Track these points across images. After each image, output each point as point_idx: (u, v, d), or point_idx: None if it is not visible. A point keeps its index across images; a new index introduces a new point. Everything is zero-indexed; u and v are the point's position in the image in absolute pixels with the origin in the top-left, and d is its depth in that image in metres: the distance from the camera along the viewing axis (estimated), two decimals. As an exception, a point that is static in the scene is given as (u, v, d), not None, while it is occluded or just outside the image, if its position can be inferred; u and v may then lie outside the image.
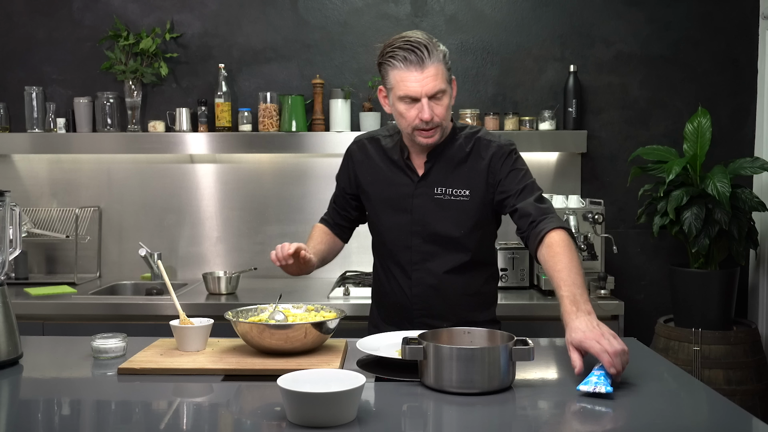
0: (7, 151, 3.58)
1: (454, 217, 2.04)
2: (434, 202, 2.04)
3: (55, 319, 3.03)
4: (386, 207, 2.10)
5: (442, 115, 1.96)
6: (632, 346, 2.02)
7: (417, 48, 1.89)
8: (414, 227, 2.06)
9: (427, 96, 1.92)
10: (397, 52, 1.91)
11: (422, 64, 1.90)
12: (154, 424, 1.48)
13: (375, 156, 2.13)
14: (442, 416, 1.49)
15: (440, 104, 1.95)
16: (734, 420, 1.45)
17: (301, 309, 1.95)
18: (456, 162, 2.05)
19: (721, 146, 3.47)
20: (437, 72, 1.91)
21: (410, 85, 1.91)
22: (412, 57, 1.89)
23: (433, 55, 1.90)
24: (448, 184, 2.04)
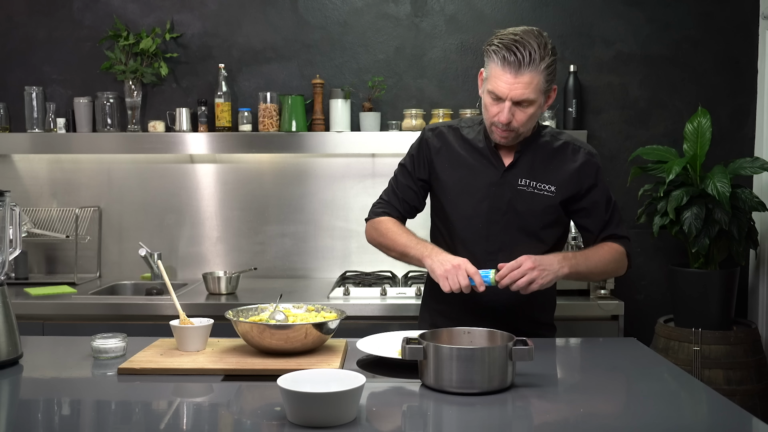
0: (7, 151, 3.58)
1: (536, 210, 2.02)
2: (517, 193, 2.01)
3: (55, 319, 3.02)
4: (465, 194, 2.05)
5: (522, 121, 1.93)
6: (632, 346, 2.02)
7: (520, 51, 1.84)
8: (493, 216, 2.02)
9: (512, 101, 1.89)
10: (500, 48, 1.87)
11: (518, 69, 1.86)
12: (154, 424, 1.48)
13: (455, 144, 2.08)
14: (442, 416, 1.49)
15: (524, 111, 1.91)
16: (734, 420, 1.45)
17: (302, 309, 1.95)
18: (543, 157, 2.04)
19: (721, 146, 3.47)
20: (531, 81, 1.87)
21: (500, 84, 1.88)
22: (511, 58, 1.85)
23: (533, 63, 1.85)
24: (533, 177, 2.02)
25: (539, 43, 1.86)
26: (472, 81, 3.58)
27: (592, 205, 2.07)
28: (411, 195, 2.14)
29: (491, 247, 2.03)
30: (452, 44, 3.58)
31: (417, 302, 2.35)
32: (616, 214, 2.12)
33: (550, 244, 2.07)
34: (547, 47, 1.88)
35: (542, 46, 1.86)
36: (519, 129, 1.94)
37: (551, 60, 1.89)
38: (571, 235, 3.12)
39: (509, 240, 2.02)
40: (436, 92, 3.59)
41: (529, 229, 2.03)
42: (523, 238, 2.03)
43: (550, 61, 1.88)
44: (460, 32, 3.58)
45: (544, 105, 1.95)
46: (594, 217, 2.08)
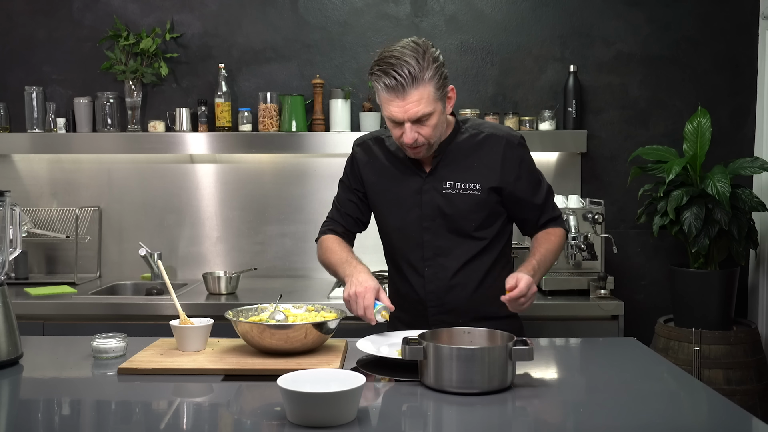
0: (7, 151, 3.58)
1: (465, 210, 2.02)
2: (443, 197, 2.02)
3: (55, 319, 3.02)
4: (394, 206, 2.09)
5: (428, 134, 1.93)
6: (632, 346, 2.02)
7: (398, 74, 1.82)
8: (424, 223, 2.04)
9: (410, 120, 1.88)
10: (380, 76, 1.85)
11: (403, 92, 1.84)
12: (154, 424, 1.48)
13: (380, 155, 2.11)
14: (442, 416, 1.49)
15: (426, 125, 1.91)
16: (734, 420, 1.45)
17: (302, 309, 1.95)
18: (463, 156, 2.03)
19: (721, 146, 3.47)
20: (421, 97, 1.85)
21: (392, 110, 1.88)
22: (392, 83, 1.83)
23: (416, 80, 1.83)
24: (456, 178, 2.02)
25: (417, 56, 1.83)
26: (471, 81, 3.58)
27: (522, 195, 2.06)
28: (352, 208, 2.17)
29: (427, 253, 2.06)
30: (452, 44, 3.58)
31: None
32: (549, 197, 2.13)
33: (488, 239, 2.07)
34: (427, 57, 1.85)
35: (421, 58, 1.84)
36: (428, 141, 1.94)
37: (435, 68, 1.86)
38: (571, 234, 3.13)
39: (444, 244, 2.05)
40: (436, 92, 3.58)
41: (462, 230, 2.04)
42: (457, 240, 2.05)
43: (434, 70, 1.85)
44: (460, 32, 3.58)
45: (445, 109, 1.94)
46: (528, 209, 2.09)
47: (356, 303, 1.87)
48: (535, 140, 3.43)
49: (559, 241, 2.11)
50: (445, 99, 1.95)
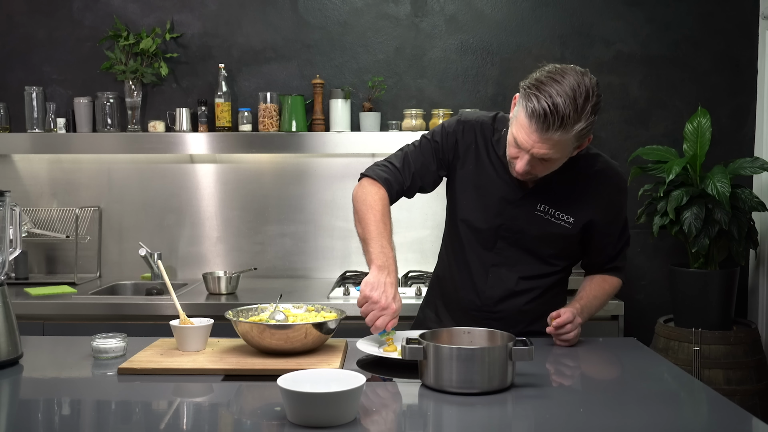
0: (7, 151, 3.58)
1: (550, 238, 1.95)
2: (533, 218, 1.93)
3: (55, 319, 3.02)
4: (479, 204, 1.97)
5: (542, 171, 1.82)
6: (632, 346, 2.02)
7: (552, 114, 1.67)
8: (503, 232, 1.96)
9: (533, 154, 1.75)
10: (533, 101, 1.70)
11: (546, 131, 1.70)
12: (154, 424, 1.48)
13: (482, 147, 1.96)
14: (442, 416, 1.49)
15: (544, 165, 1.79)
16: (734, 420, 1.45)
17: (302, 309, 1.95)
18: (570, 183, 1.92)
19: (721, 146, 3.47)
20: (558, 142, 1.72)
21: (522, 136, 1.75)
22: (541, 116, 1.68)
23: (565, 127, 1.69)
24: (553, 205, 1.92)
25: (578, 104, 1.69)
26: (471, 81, 3.58)
27: (606, 240, 2.01)
28: (425, 172, 1.98)
29: (495, 259, 1.99)
30: (452, 44, 3.58)
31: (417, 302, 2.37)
32: (625, 247, 2.06)
33: (557, 268, 2.02)
34: (587, 109, 1.71)
35: (582, 109, 1.70)
36: (538, 175, 1.84)
37: (587, 123, 1.72)
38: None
39: (515, 257, 1.98)
40: (436, 92, 3.59)
41: (537, 253, 1.98)
42: (530, 259, 1.98)
43: (585, 124, 1.72)
44: (460, 32, 3.58)
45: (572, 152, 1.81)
46: (603, 252, 2.04)
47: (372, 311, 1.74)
48: (535, 140, 3.43)
49: (611, 290, 2.05)
50: (579, 145, 1.81)
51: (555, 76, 1.71)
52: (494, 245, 1.98)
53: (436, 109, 3.49)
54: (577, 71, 1.74)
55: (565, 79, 1.71)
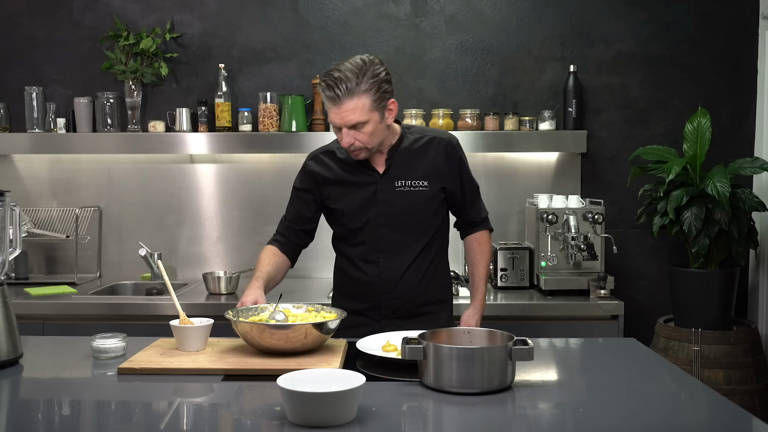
0: (7, 151, 3.58)
1: (417, 205, 2.24)
2: (397, 194, 2.23)
3: (55, 319, 3.03)
4: (352, 207, 2.25)
5: (364, 140, 2.11)
6: (632, 346, 2.02)
7: (336, 85, 2.04)
8: (381, 219, 2.22)
9: (346, 126, 2.09)
10: (322, 85, 2.08)
11: (339, 101, 2.05)
12: (154, 424, 1.48)
13: (333, 166, 2.28)
14: (442, 416, 1.49)
15: (362, 132, 2.09)
16: (734, 420, 1.45)
17: (302, 309, 1.95)
18: (411, 157, 2.25)
19: (721, 146, 3.47)
20: (355, 107, 2.05)
21: (331, 116, 2.10)
22: (330, 93, 2.06)
23: (351, 91, 2.04)
24: (407, 177, 2.23)
25: (358, 72, 2.05)
26: (471, 81, 3.58)
27: (459, 191, 2.30)
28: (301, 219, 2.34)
29: (382, 245, 2.24)
30: (452, 44, 3.58)
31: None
32: (479, 196, 2.39)
33: (432, 232, 2.29)
34: (367, 73, 2.06)
35: (362, 74, 2.05)
36: (366, 146, 2.13)
37: (372, 83, 2.06)
38: (571, 234, 3.13)
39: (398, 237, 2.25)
40: (436, 92, 3.59)
41: (414, 224, 2.25)
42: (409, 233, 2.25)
43: (370, 84, 2.05)
44: (460, 32, 3.58)
45: (384, 119, 2.13)
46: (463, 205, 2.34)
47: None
48: (535, 140, 3.43)
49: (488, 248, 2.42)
50: (385, 111, 2.13)
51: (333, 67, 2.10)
52: (378, 234, 2.24)
53: (436, 109, 3.49)
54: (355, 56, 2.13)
55: (345, 62, 2.10)
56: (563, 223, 3.18)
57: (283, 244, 2.33)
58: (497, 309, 3.01)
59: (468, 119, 3.45)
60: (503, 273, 3.24)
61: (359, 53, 3.56)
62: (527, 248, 3.27)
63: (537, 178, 3.58)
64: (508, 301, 3.07)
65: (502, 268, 3.24)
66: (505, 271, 3.24)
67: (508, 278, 3.24)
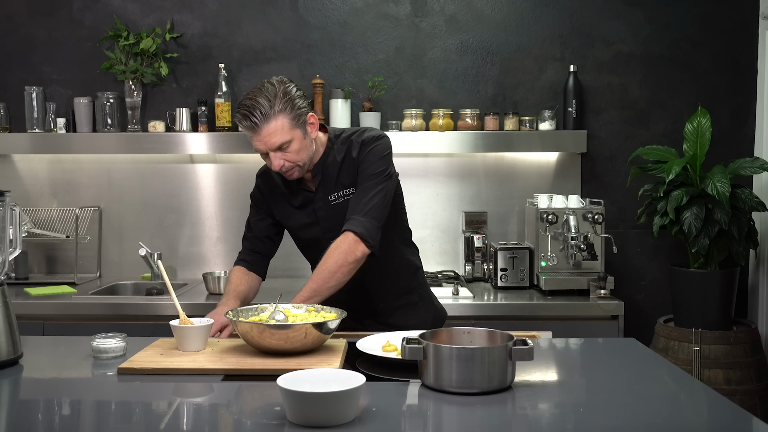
0: (7, 151, 3.58)
1: None
2: (334, 208, 2.21)
3: (55, 319, 3.03)
4: (299, 225, 2.28)
5: (294, 159, 2.10)
6: (632, 346, 2.02)
7: (251, 114, 2.03)
8: (327, 234, 2.20)
9: (271, 150, 2.07)
10: (238, 117, 2.07)
11: (258, 128, 2.04)
12: (154, 424, 1.48)
13: (279, 183, 2.27)
14: (442, 416, 1.49)
15: (289, 152, 2.08)
16: (734, 420, 1.45)
17: (302, 309, 1.95)
18: (337, 167, 2.21)
19: (721, 146, 3.47)
20: (275, 129, 2.04)
21: (255, 144, 2.09)
22: (247, 123, 2.04)
23: (267, 116, 2.03)
24: (338, 189, 2.21)
25: (268, 95, 2.04)
26: (471, 81, 3.58)
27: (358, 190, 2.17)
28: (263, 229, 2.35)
29: None
30: (452, 44, 3.58)
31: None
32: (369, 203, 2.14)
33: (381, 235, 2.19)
34: (278, 95, 2.04)
35: (273, 97, 2.03)
36: (297, 164, 2.11)
37: (285, 102, 2.04)
38: (571, 234, 3.13)
39: None
40: (436, 92, 3.59)
41: None
42: None
43: (283, 103, 2.04)
44: (460, 32, 3.58)
45: (308, 134, 2.11)
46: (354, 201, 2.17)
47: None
48: (535, 140, 3.43)
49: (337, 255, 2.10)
50: (306, 126, 2.11)
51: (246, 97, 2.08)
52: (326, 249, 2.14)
53: (436, 109, 3.49)
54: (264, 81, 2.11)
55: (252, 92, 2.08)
56: (563, 223, 3.18)
57: (250, 262, 2.34)
58: (497, 309, 3.01)
59: (468, 119, 3.45)
60: (503, 273, 3.24)
61: (359, 53, 3.61)
62: (527, 248, 3.28)
63: (537, 178, 3.58)
64: (508, 301, 3.07)
65: (502, 268, 3.24)
66: (505, 271, 3.24)
67: (508, 278, 3.24)
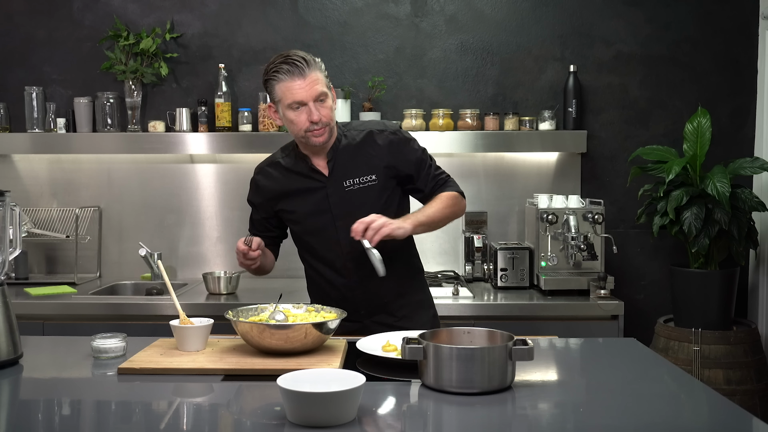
0: (7, 151, 3.58)
1: (369, 201, 2.19)
2: (348, 194, 2.19)
3: (55, 319, 3.03)
4: (307, 216, 2.23)
5: (328, 116, 2.13)
6: (632, 346, 2.02)
7: (297, 61, 2.10)
8: (337, 222, 2.18)
9: (313, 99, 2.10)
10: (280, 67, 2.12)
11: (303, 73, 2.10)
12: (154, 424, 1.48)
13: (280, 177, 2.26)
14: (442, 416, 1.49)
15: (324, 106, 2.12)
16: (734, 420, 1.45)
17: (302, 309, 1.95)
18: (352, 153, 2.21)
19: (721, 146, 3.47)
20: (317, 78, 2.11)
21: (296, 92, 2.10)
22: (294, 69, 2.10)
23: (311, 66, 2.12)
24: (354, 175, 2.20)
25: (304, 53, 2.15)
26: (471, 81, 3.58)
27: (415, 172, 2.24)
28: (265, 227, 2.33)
29: (345, 249, 2.19)
30: (452, 44, 3.58)
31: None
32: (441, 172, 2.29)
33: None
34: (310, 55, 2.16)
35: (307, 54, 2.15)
36: (329, 123, 2.14)
37: (319, 63, 2.15)
38: (571, 234, 3.13)
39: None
40: (436, 92, 3.59)
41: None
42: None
43: (318, 63, 2.15)
44: (460, 32, 3.58)
45: (334, 100, 2.18)
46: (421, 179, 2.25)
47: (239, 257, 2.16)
48: (535, 140, 3.43)
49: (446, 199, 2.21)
50: (332, 92, 2.17)
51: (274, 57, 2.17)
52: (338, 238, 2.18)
53: (436, 109, 3.49)
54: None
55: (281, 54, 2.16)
56: (563, 223, 3.18)
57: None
58: (497, 309, 3.01)
59: (468, 119, 3.45)
60: (503, 273, 3.24)
61: (359, 53, 3.61)
62: (527, 248, 3.28)
63: (537, 178, 3.58)
64: (508, 301, 3.07)
65: (502, 268, 3.24)
66: (505, 271, 3.24)
67: (508, 278, 3.24)
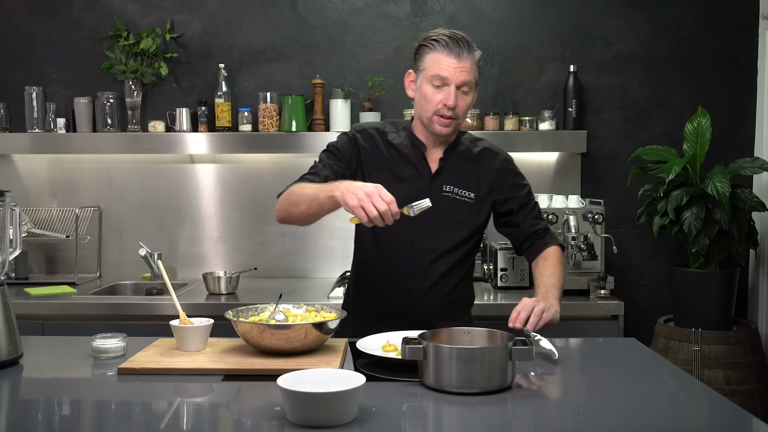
0: (7, 151, 3.58)
1: (460, 215, 2.10)
2: (442, 199, 2.08)
3: (55, 319, 3.03)
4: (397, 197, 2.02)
5: (463, 108, 2.03)
6: (632, 346, 2.02)
7: (461, 41, 1.99)
8: (419, 221, 1.99)
9: (457, 84, 1.99)
10: (442, 38, 1.99)
11: (461, 55, 1.98)
12: (154, 424, 1.48)
13: (382, 146, 2.11)
14: (442, 416, 1.49)
15: (465, 98, 2.02)
16: (734, 420, 1.45)
17: (302, 309, 1.95)
18: (464, 163, 2.12)
19: (721, 146, 3.47)
20: (471, 68, 2.00)
21: (445, 67, 1.98)
22: (453, 46, 1.98)
23: (471, 53, 2.00)
24: (456, 183, 2.10)
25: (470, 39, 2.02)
26: (472, 81, 3.58)
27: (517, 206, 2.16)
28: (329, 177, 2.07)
29: (414, 250, 2.10)
30: (452, 44, 3.58)
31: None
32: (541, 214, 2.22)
33: (468, 246, 2.16)
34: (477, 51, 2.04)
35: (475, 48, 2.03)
36: (460, 117, 2.03)
37: (479, 55, 2.04)
38: (571, 234, 3.13)
39: (433, 245, 2.11)
40: (436, 92, 3.59)
41: (451, 232, 2.11)
42: (444, 242, 2.11)
43: (478, 58, 2.03)
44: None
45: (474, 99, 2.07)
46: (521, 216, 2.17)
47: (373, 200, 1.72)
48: (535, 140, 3.43)
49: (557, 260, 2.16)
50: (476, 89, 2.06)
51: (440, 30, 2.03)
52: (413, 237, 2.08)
53: (436, 109, 3.49)
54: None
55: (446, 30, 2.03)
56: (563, 223, 3.18)
57: None
58: (497, 309, 3.01)
59: (468, 119, 3.45)
60: (503, 273, 3.24)
61: (359, 53, 3.61)
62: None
63: (537, 178, 3.57)
64: (508, 301, 3.06)
65: (502, 268, 3.24)
66: (505, 271, 3.24)
67: (508, 278, 3.24)
